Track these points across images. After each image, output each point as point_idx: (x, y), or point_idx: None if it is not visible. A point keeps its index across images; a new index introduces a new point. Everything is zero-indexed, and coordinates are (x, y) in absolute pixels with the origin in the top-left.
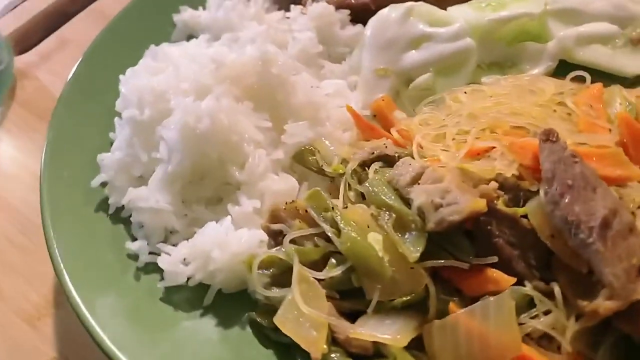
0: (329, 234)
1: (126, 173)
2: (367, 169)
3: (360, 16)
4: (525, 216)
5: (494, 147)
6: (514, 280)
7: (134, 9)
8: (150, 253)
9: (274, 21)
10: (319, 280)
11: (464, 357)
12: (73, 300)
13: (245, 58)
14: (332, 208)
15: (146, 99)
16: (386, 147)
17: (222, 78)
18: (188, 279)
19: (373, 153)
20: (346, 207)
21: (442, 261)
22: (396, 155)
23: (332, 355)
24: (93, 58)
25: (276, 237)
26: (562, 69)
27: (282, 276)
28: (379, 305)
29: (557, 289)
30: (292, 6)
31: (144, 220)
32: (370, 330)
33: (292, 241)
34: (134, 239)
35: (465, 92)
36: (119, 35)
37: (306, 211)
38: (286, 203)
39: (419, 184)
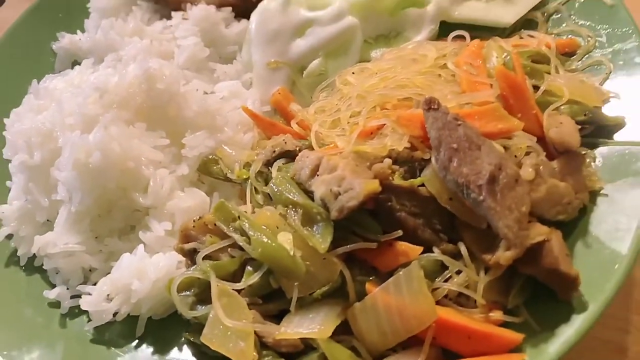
0: (240, 242)
1: (30, 221)
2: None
3: (244, 11)
4: (423, 185)
5: (384, 124)
6: (421, 249)
7: (6, 45)
8: (72, 297)
9: (157, 32)
10: (239, 290)
11: (388, 332)
12: None
13: (129, 79)
14: (239, 217)
15: (34, 141)
16: (285, 142)
17: (108, 104)
18: (115, 314)
19: (274, 151)
20: (254, 212)
21: (351, 245)
22: (297, 148)
23: (265, 359)
24: None
25: (192, 256)
26: (446, 30)
27: (204, 293)
28: (301, 300)
29: (463, 248)
30: (173, 13)
31: (58, 265)
32: (295, 328)
33: (208, 257)
34: (54, 287)
35: (353, 73)
36: None
37: (215, 225)
38: (194, 220)
39: (318, 175)
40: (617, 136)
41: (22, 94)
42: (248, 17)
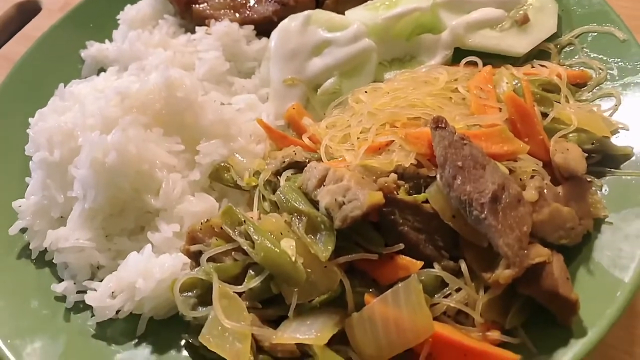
0: (244, 246)
1: (44, 216)
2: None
3: (265, 29)
4: (428, 201)
5: (393, 141)
6: (421, 264)
7: (38, 51)
8: (78, 292)
9: (180, 45)
10: (240, 293)
11: (384, 344)
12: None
13: (150, 86)
14: (244, 221)
15: (55, 140)
16: (295, 153)
17: (128, 109)
18: (119, 312)
19: (284, 162)
20: (260, 219)
21: (352, 255)
22: (306, 160)
23: None
24: (1, 104)
25: (197, 259)
26: (459, 56)
27: (206, 295)
28: (300, 307)
29: (463, 266)
30: (197, 28)
31: (67, 260)
32: (292, 334)
33: (212, 259)
34: (62, 281)
35: (365, 92)
36: (26, 78)
37: (221, 228)
38: (201, 223)
39: (324, 185)
40: (625, 166)
41: (49, 96)
42: (269, 35)
